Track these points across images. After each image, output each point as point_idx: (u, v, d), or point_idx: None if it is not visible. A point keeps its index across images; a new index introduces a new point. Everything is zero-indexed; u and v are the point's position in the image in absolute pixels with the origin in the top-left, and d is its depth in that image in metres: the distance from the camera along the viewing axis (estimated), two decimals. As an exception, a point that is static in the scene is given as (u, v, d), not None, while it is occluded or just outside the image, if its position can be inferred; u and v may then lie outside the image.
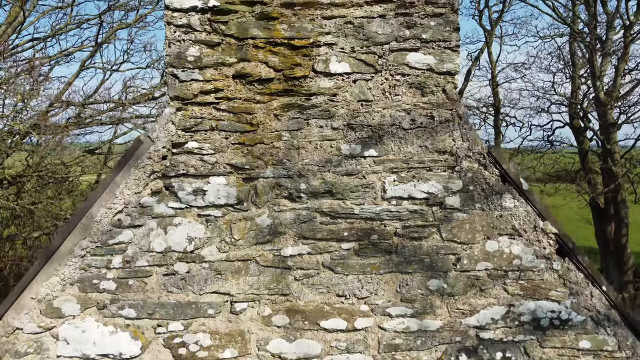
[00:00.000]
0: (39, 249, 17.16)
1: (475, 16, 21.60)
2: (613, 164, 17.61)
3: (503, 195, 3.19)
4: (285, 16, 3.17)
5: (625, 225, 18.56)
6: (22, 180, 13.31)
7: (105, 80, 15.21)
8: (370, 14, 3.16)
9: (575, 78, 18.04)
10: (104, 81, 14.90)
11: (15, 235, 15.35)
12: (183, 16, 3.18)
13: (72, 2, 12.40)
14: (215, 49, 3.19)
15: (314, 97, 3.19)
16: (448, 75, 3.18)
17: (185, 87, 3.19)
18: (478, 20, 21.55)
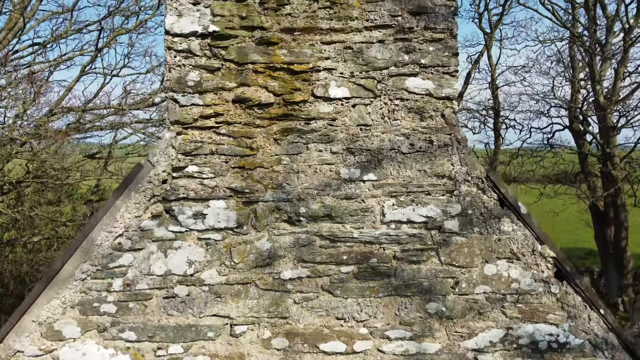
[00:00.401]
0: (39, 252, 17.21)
1: (475, 19, 21.60)
2: (613, 168, 17.64)
3: (501, 219, 3.20)
4: (285, 41, 3.19)
5: (625, 229, 18.58)
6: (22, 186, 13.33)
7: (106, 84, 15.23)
8: (370, 39, 3.18)
9: (575, 82, 18.04)
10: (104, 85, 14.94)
11: (15, 239, 15.37)
12: (183, 41, 3.20)
13: (73, 8, 12.40)
14: (215, 73, 3.20)
15: (314, 121, 3.21)
16: (447, 100, 3.19)
17: (185, 112, 3.21)
18: (478, 23, 21.58)
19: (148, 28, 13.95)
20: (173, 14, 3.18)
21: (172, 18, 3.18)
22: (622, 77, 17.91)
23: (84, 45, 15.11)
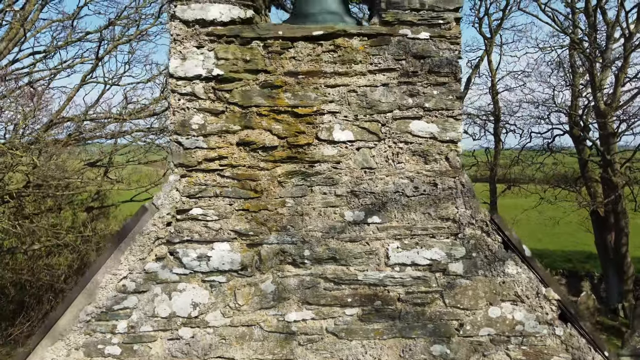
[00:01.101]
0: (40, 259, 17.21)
1: (475, 24, 21.59)
2: (613, 174, 17.64)
3: (506, 262, 3.21)
4: (289, 85, 3.19)
5: (625, 235, 18.60)
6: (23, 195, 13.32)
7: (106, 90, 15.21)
8: (374, 82, 3.18)
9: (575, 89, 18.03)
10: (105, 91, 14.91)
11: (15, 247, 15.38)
12: (187, 84, 3.19)
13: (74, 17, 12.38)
14: (220, 116, 3.20)
15: (318, 164, 3.21)
16: (451, 143, 3.19)
17: (189, 155, 3.20)
18: (478, 28, 21.58)
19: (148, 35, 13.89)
20: (177, 57, 3.18)
21: (176, 61, 3.18)
22: (623, 83, 17.92)
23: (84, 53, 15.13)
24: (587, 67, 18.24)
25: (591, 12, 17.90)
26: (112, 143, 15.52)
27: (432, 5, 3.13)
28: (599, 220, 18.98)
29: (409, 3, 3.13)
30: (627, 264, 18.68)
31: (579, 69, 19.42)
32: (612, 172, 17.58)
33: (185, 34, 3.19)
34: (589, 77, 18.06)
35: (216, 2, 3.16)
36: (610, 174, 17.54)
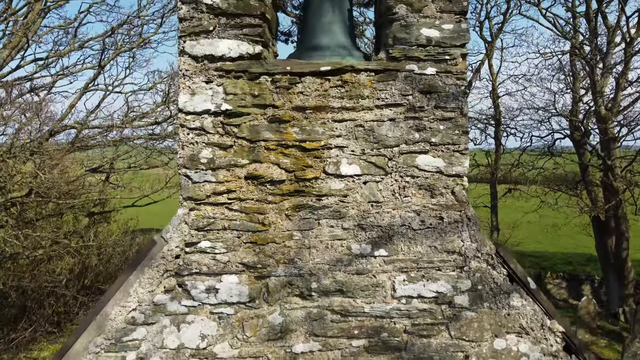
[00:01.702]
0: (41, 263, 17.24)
1: (476, 27, 21.60)
2: (614, 179, 17.67)
3: (511, 295, 3.24)
4: (297, 119, 3.22)
5: (626, 239, 18.63)
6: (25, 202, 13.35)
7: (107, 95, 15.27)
8: (381, 117, 3.21)
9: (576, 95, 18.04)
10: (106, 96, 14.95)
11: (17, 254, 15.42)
12: (196, 119, 3.23)
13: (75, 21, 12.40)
14: (228, 150, 3.23)
15: (325, 198, 3.24)
16: (457, 177, 3.22)
17: (198, 188, 3.24)
18: (479, 31, 21.60)
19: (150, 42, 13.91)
20: (186, 92, 3.21)
21: (185, 97, 3.21)
22: (623, 88, 17.93)
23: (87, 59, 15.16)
24: (587, 71, 18.27)
25: (592, 16, 17.92)
26: (113, 148, 15.58)
27: (438, 41, 3.16)
28: (600, 225, 19.01)
29: (415, 39, 3.16)
30: (628, 269, 18.72)
31: (580, 72, 19.45)
32: (612, 176, 17.62)
33: (194, 69, 3.22)
34: (589, 82, 18.08)
35: (225, 38, 3.19)
36: (611, 179, 17.58)
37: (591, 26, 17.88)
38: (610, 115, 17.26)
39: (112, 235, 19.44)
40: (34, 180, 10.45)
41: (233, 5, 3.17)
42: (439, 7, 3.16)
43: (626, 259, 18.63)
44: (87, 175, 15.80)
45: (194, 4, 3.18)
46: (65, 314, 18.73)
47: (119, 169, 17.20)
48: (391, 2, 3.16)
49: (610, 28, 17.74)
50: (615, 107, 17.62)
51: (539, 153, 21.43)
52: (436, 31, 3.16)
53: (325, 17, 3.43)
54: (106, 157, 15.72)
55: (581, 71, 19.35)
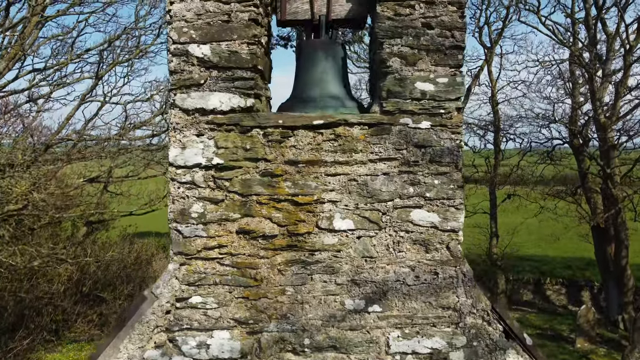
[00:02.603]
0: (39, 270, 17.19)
1: (475, 32, 21.53)
2: (613, 187, 17.63)
3: (507, 351, 3.19)
4: (289, 173, 3.17)
5: (625, 247, 18.61)
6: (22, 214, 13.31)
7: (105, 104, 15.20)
8: (374, 171, 3.16)
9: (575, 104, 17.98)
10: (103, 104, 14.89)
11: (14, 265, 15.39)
12: (187, 172, 3.17)
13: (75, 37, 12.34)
14: (219, 204, 3.18)
15: (318, 252, 3.19)
16: (452, 232, 3.17)
17: (189, 243, 3.19)
18: (478, 37, 21.53)
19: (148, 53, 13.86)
20: (177, 146, 3.16)
21: (175, 150, 3.16)
22: (622, 95, 17.89)
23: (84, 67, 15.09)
24: (587, 78, 18.22)
25: (591, 24, 17.86)
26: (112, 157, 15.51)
27: (433, 94, 3.11)
28: (599, 232, 18.99)
29: (410, 93, 3.11)
30: (627, 276, 18.70)
31: (579, 79, 19.39)
32: (612, 184, 17.59)
33: (185, 122, 3.17)
34: (588, 89, 18.03)
35: (216, 91, 3.14)
36: (610, 187, 17.54)
37: (590, 34, 17.84)
38: (610, 123, 17.22)
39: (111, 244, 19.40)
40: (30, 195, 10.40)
41: (224, 58, 3.11)
42: (433, 60, 3.10)
43: (625, 266, 18.61)
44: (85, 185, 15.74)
45: (184, 57, 3.13)
46: (63, 322, 18.70)
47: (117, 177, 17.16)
48: (385, 55, 3.11)
49: (610, 35, 17.68)
50: (615, 115, 17.58)
51: (538, 158, 21.39)
52: (431, 85, 3.10)
53: (319, 67, 3.37)
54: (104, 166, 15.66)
55: (580, 77, 19.30)
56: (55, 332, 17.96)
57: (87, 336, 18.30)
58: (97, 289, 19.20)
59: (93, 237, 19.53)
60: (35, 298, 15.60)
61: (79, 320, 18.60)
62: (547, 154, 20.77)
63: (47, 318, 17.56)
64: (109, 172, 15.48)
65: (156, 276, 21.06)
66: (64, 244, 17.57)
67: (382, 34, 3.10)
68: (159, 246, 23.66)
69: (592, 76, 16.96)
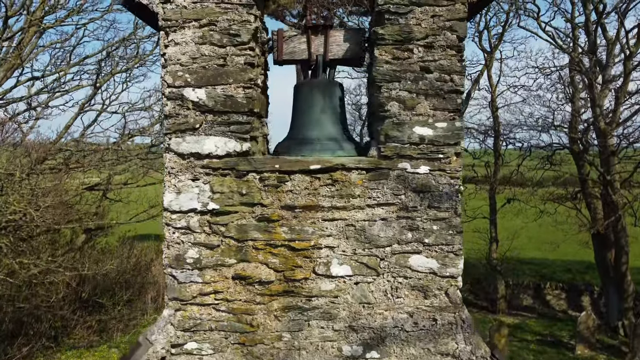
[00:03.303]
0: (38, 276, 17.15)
1: (475, 37, 21.46)
2: (613, 193, 17.59)
3: (506, 398, 3.15)
4: (286, 219, 3.12)
5: (625, 253, 18.57)
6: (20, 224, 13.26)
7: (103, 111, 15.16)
8: (372, 217, 3.11)
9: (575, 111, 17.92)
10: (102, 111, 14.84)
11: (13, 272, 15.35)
12: (182, 217, 3.13)
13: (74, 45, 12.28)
14: (215, 250, 3.14)
15: (315, 298, 3.15)
16: (451, 278, 3.13)
17: (184, 289, 3.14)
18: (478, 42, 21.46)
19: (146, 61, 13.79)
20: (172, 191, 3.11)
21: (170, 195, 3.11)
22: (622, 101, 17.83)
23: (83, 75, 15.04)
24: (586, 83, 18.15)
25: (591, 30, 17.79)
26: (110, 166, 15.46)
27: (432, 139, 3.06)
28: (599, 238, 18.94)
29: (408, 137, 3.06)
30: (627, 282, 18.66)
31: (579, 84, 19.33)
32: (612, 190, 17.54)
33: (180, 166, 3.12)
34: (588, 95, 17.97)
35: (212, 135, 3.09)
36: (611, 193, 17.50)
37: (590, 39, 17.76)
38: (610, 130, 17.16)
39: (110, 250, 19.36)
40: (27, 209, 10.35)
41: (220, 103, 3.06)
42: (432, 104, 3.06)
43: (625, 272, 18.57)
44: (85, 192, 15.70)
45: (179, 101, 3.08)
46: (62, 328, 18.67)
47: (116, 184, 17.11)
48: (383, 99, 3.06)
49: (610, 40, 17.62)
50: (615, 121, 17.52)
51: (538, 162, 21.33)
52: (429, 129, 3.06)
53: (316, 107, 3.33)
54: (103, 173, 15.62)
55: (580, 82, 19.24)
56: (54, 339, 17.93)
57: (86, 342, 18.27)
58: (96, 295, 19.16)
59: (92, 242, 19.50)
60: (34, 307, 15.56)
61: (78, 327, 18.56)
62: (547, 158, 20.72)
63: (45, 324, 17.52)
64: (108, 179, 15.43)
65: (155, 281, 21.06)
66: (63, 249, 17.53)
67: (380, 77, 3.05)
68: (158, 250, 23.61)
69: (592, 83, 16.89)
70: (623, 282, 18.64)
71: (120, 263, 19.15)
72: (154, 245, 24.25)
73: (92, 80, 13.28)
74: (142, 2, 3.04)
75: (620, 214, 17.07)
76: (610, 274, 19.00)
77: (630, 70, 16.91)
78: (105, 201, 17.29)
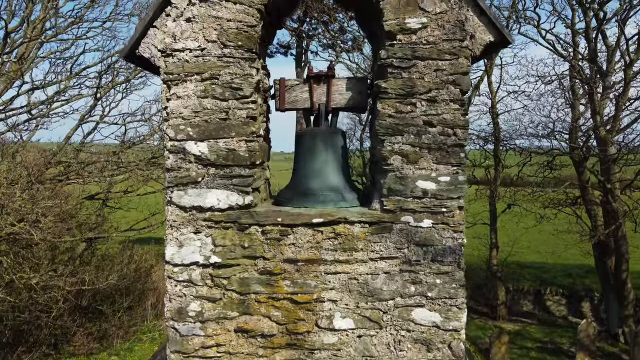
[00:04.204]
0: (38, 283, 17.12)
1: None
2: (613, 200, 17.58)
3: None
4: (288, 272, 3.11)
5: (625, 261, 18.57)
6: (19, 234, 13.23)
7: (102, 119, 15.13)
8: (375, 270, 3.10)
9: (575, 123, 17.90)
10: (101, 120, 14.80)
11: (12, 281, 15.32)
12: (184, 270, 3.12)
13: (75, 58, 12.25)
14: (217, 303, 3.13)
15: (318, 352, 3.13)
16: (454, 332, 3.12)
17: (186, 342, 3.13)
18: (478, 47, 21.34)
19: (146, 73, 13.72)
20: (174, 244, 3.10)
21: (172, 249, 3.10)
22: (623, 108, 17.81)
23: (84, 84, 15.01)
24: (587, 90, 18.13)
25: (592, 37, 17.76)
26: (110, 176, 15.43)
27: (435, 193, 3.05)
28: (600, 245, 18.93)
29: (411, 191, 3.05)
30: (628, 289, 18.67)
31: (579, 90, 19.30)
32: (612, 198, 17.53)
33: (182, 219, 3.11)
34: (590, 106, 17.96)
35: (214, 188, 3.08)
36: (611, 200, 17.49)
37: (591, 47, 17.73)
38: (610, 137, 17.15)
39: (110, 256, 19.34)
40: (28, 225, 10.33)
41: (222, 156, 3.05)
42: (435, 158, 3.04)
43: (626, 280, 18.58)
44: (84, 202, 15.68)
45: (181, 154, 3.07)
46: (62, 335, 18.67)
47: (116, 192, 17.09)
48: (385, 152, 3.05)
49: (610, 47, 17.60)
50: (615, 128, 17.51)
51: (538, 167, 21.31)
52: (432, 183, 3.04)
53: (319, 158, 3.31)
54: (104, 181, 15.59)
55: (580, 88, 19.21)
56: (54, 346, 17.94)
57: (86, 350, 18.27)
58: (96, 301, 19.15)
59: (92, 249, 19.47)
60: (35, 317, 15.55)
61: (78, 334, 18.54)
62: (548, 163, 20.70)
63: (45, 332, 17.51)
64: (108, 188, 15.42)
65: (155, 287, 21.05)
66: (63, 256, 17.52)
67: (383, 131, 3.04)
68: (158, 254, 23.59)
69: (592, 91, 16.87)
70: (623, 289, 18.65)
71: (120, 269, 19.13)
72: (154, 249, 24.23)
73: (92, 90, 13.25)
74: (144, 56, 3.03)
75: (621, 222, 17.06)
76: (611, 281, 19.01)
77: (631, 79, 16.89)
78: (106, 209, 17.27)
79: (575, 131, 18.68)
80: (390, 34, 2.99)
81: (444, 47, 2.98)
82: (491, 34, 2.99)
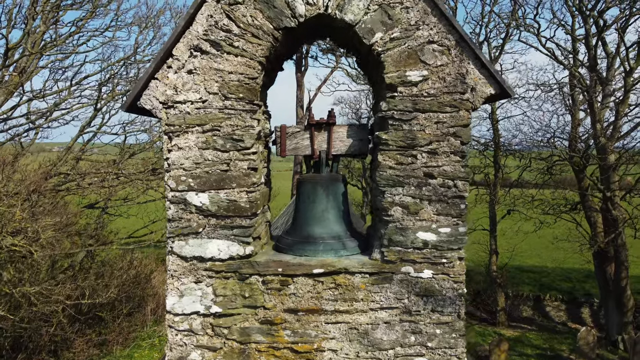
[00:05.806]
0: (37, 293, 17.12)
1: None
2: (613, 208, 17.61)
3: None
4: (289, 322, 3.12)
5: (625, 268, 18.59)
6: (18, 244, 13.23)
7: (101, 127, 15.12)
8: (375, 320, 3.11)
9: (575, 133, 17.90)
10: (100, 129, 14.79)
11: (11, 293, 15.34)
12: (185, 320, 3.13)
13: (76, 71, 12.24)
14: (218, 352, 3.14)
15: (318, 400, 3.14)
16: (454, 381, 3.13)
17: (187, 391, 3.14)
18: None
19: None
20: (175, 294, 3.11)
21: (173, 298, 3.11)
22: (622, 115, 17.82)
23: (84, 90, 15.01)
24: (586, 98, 18.14)
25: (592, 44, 17.77)
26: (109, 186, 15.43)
27: (435, 244, 3.06)
28: (599, 252, 18.95)
29: (411, 242, 3.06)
30: (627, 296, 18.70)
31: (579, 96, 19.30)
32: (612, 205, 17.55)
33: (183, 269, 3.12)
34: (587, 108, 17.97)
35: (215, 238, 3.08)
36: (610, 208, 17.51)
37: (590, 54, 17.74)
38: (610, 144, 17.16)
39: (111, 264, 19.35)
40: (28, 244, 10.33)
41: (223, 207, 3.06)
42: (435, 210, 3.05)
43: (625, 287, 18.61)
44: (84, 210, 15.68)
45: (182, 205, 3.08)
46: (62, 342, 18.69)
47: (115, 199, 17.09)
48: (386, 204, 3.05)
49: (610, 54, 17.61)
50: (615, 135, 17.53)
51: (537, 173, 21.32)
52: (433, 235, 3.05)
53: (320, 205, 3.32)
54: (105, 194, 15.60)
55: (580, 95, 19.22)
56: (54, 353, 17.96)
57: (85, 356, 18.29)
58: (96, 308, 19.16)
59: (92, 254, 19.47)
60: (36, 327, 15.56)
61: (78, 340, 18.56)
62: (547, 169, 20.70)
63: (45, 338, 17.52)
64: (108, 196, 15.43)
65: (155, 293, 21.06)
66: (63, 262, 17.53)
67: (384, 182, 3.04)
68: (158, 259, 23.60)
69: (592, 100, 16.88)
70: (623, 296, 18.67)
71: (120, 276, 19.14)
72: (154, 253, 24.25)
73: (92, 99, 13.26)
74: (146, 108, 3.03)
75: (621, 230, 17.08)
76: (610, 287, 19.03)
77: (630, 88, 16.90)
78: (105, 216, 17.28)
79: (575, 141, 18.70)
80: (392, 86, 2.99)
81: (445, 99, 2.98)
82: (492, 87, 2.99)
